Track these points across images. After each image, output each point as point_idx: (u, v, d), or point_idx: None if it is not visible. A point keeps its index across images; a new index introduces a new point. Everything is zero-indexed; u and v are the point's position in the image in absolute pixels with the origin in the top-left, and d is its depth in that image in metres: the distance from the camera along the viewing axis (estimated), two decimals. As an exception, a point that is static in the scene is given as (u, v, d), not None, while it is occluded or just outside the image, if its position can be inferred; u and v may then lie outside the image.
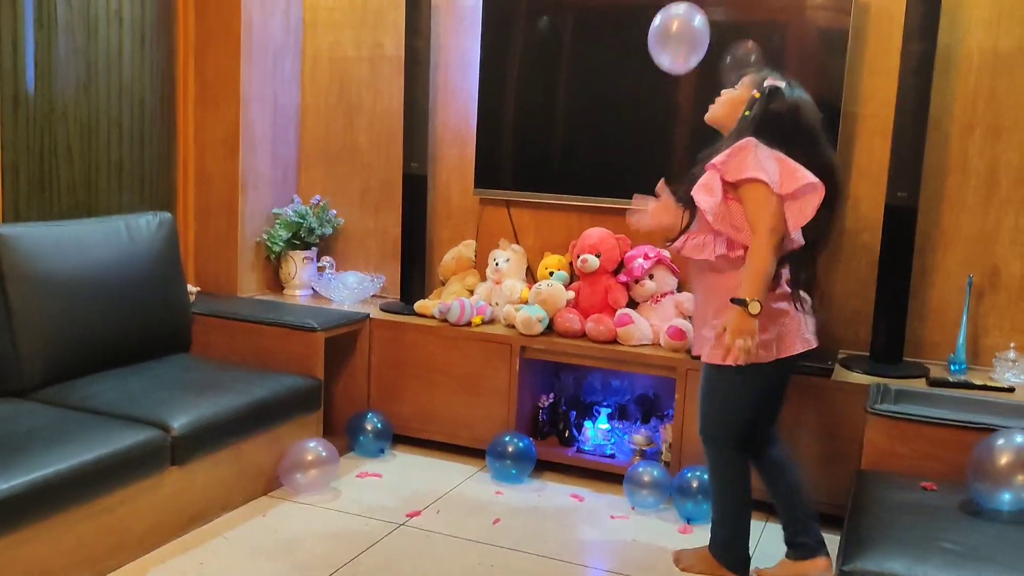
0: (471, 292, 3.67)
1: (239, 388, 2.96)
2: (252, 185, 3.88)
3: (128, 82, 3.57)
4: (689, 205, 2.51)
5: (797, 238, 2.44)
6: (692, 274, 2.66)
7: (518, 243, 3.74)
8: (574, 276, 3.53)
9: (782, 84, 2.48)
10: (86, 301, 2.99)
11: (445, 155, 3.90)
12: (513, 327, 3.41)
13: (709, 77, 3.37)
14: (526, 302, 3.45)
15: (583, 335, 3.36)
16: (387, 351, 3.57)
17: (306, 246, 3.93)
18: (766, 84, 2.48)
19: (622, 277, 3.44)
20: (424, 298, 3.73)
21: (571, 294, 3.42)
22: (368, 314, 3.60)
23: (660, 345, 3.29)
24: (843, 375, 3.06)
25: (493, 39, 3.66)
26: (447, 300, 3.53)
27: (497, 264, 3.62)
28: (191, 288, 3.60)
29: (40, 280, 2.86)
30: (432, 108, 3.82)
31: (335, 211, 4.05)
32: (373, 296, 3.91)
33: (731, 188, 2.41)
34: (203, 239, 3.90)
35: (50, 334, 2.88)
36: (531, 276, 3.68)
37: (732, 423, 2.53)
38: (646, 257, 3.40)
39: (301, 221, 3.90)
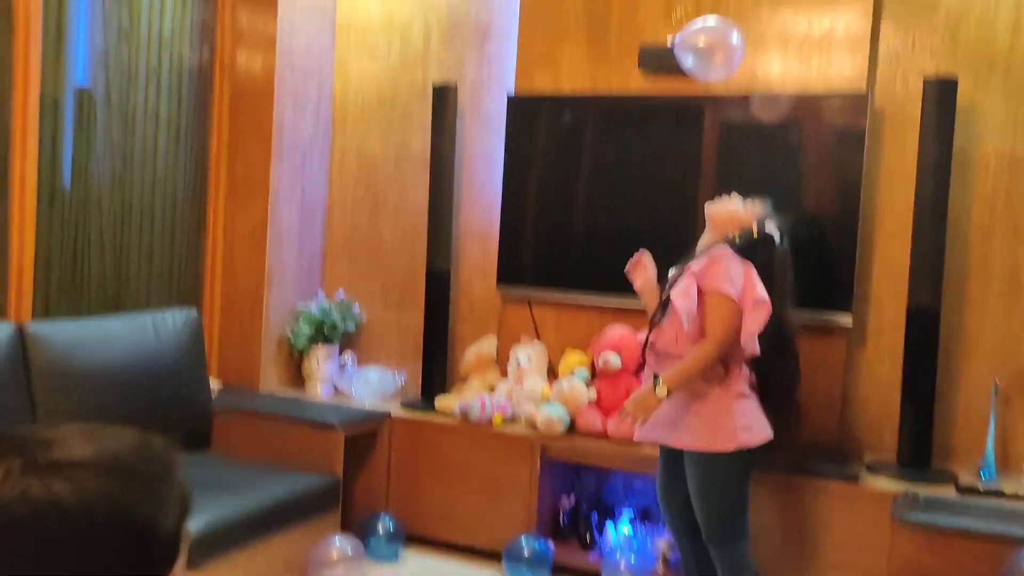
0: (492, 389, 3.67)
1: (257, 488, 2.95)
2: (277, 279, 3.94)
3: (162, 176, 3.67)
4: (665, 303, 2.67)
5: (752, 347, 2.57)
6: (661, 365, 2.68)
7: (539, 340, 3.75)
8: (595, 374, 3.52)
9: (776, 235, 2.69)
10: (109, 398, 3.01)
11: (468, 252, 3.95)
12: (534, 426, 3.39)
13: (733, 181, 3.42)
14: (547, 400, 3.44)
15: (605, 435, 3.34)
16: (407, 449, 3.55)
17: (329, 341, 3.96)
18: (767, 228, 2.67)
19: (644, 376, 3.43)
20: (445, 394, 3.73)
21: (592, 393, 3.41)
22: (388, 412, 3.59)
23: (682, 446, 3.25)
24: (869, 481, 3.00)
25: (517, 138, 3.74)
26: (468, 397, 3.53)
27: (519, 361, 3.62)
28: (213, 383, 3.62)
29: (66, 376, 2.89)
30: (456, 205, 3.88)
31: (358, 306, 4.09)
32: (395, 393, 3.91)
33: (701, 293, 2.59)
34: (227, 332, 3.94)
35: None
36: (552, 374, 3.68)
37: (739, 511, 2.60)
38: (667, 356, 3.39)
39: (325, 317, 3.94)
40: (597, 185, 3.65)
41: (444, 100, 3.76)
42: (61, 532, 0.78)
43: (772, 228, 2.70)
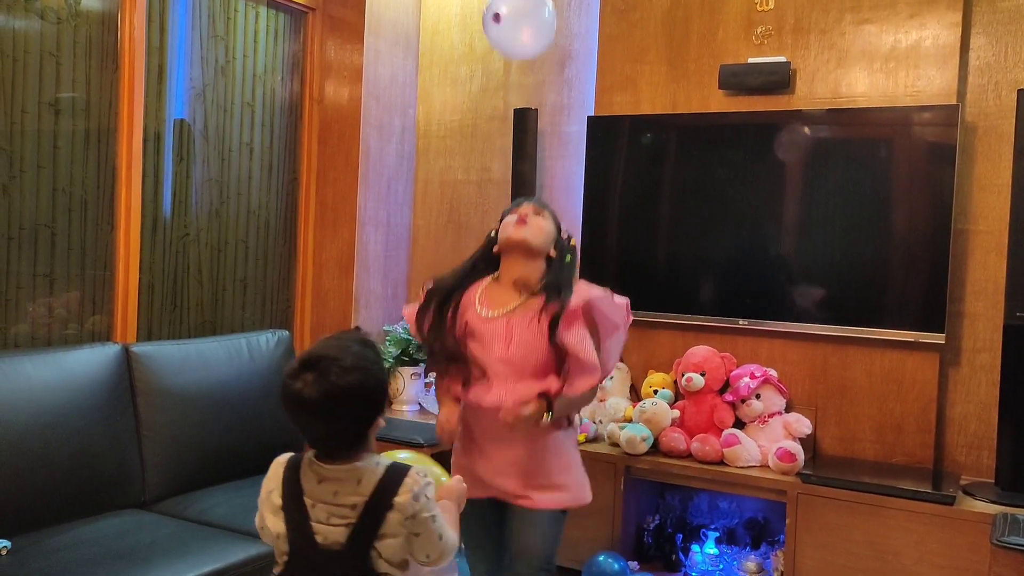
0: (575, 409, 3.68)
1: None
2: (364, 303, 4.04)
3: (255, 207, 3.83)
4: (557, 350, 2.27)
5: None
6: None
7: (622, 360, 3.75)
8: (679, 395, 3.50)
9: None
10: (207, 416, 3.13)
11: (550, 273, 3.98)
12: (617, 445, 3.39)
13: (818, 199, 3.39)
14: (630, 420, 3.43)
15: (689, 455, 3.31)
16: (491, 467, 3.58)
17: (414, 362, 4.04)
18: (564, 230, 2.45)
19: (728, 396, 3.39)
20: (528, 414, 3.75)
21: (676, 413, 3.40)
22: (473, 430, 3.64)
23: (769, 467, 3.21)
24: (966, 503, 2.90)
25: (597, 159, 3.77)
26: (551, 417, 3.55)
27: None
28: (305, 402, 3.73)
29: (167, 395, 3.03)
30: (537, 228, 3.92)
31: (443, 327, 4.16)
32: (478, 412, 3.95)
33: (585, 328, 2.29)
34: (317, 354, 4.05)
35: (173, 447, 3.03)
36: (635, 394, 3.67)
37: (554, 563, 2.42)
38: (752, 376, 3.35)
39: (410, 338, 4.02)
40: (678, 204, 3.65)
41: (525, 123, 3.83)
42: (357, 401, 1.61)
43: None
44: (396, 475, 1.62)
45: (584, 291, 2.29)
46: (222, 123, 3.68)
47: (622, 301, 2.37)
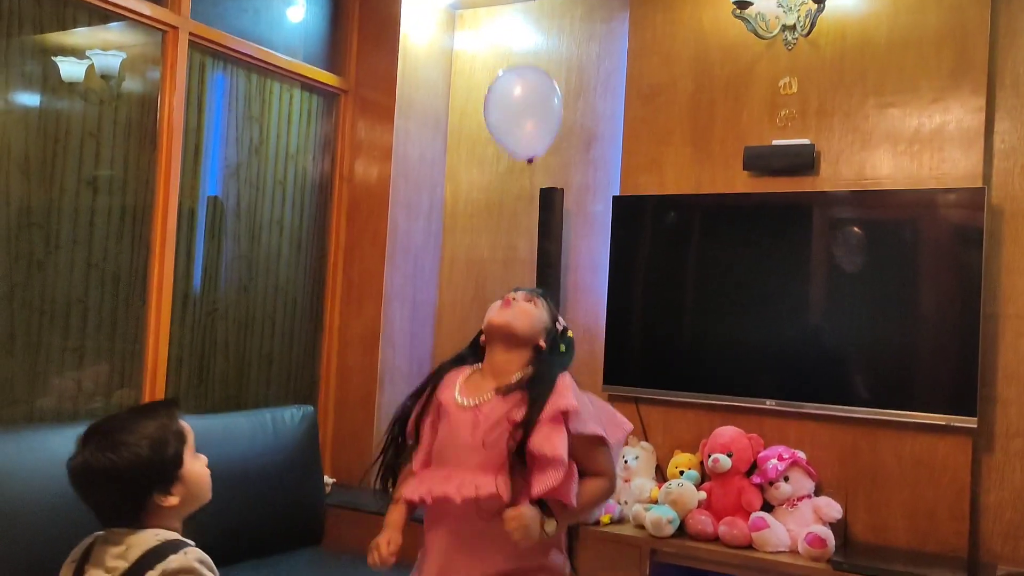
0: (599, 490, 3.62)
1: (367, 585, 2.97)
2: (389, 379, 4.05)
3: (283, 283, 3.88)
4: (519, 458, 1.99)
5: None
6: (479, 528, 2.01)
7: (647, 440, 3.71)
8: (705, 476, 3.45)
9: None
10: (229, 491, 3.08)
11: (575, 352, 3.97)
12: (643, 527, 3.32)
13: (843, 278, 3.38)
14: (656, 502, 3.38)
15: (716, 539, 3.24)
16: (514, 549, 3.52)
17: (437, 439, 4.02)
18: (560, 321, 2.21)
19: (756, 478, 3.33)
20: (552, 495, 3.70)
21: (703, 495, 3.34)
22: (496, 510, 3.59)
23: (799, 552, 3.13)
24: (1005, 595, 2.81)
25: (622, 238, 3.80)
26: (575, 498, 3.50)
27: (626, 461, 3.58)
28: (327, 479, 3.71)
29: (191, 470, 3.02)
30: (562, 306, 3.94)
31: (466, 405, 4.15)
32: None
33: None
34: (340, 431, 4.05)
35: (194, 522, 2.99)
36: (660, 474, 3.62)
37: None
38: (780, 458, 3.30)
39: (434, 414, 4.00)
40: (704, 284, 3.66)
41: (551, 203, 3.88)
42: (109, 478, 1.61)
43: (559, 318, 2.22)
44: (161, 551, 1.62)
45: (562, 399, 1.99)
46: (254, 201, 3.76)
47: (606, 417, 2.11)
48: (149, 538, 1.62)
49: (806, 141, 3.48)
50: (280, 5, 3.91)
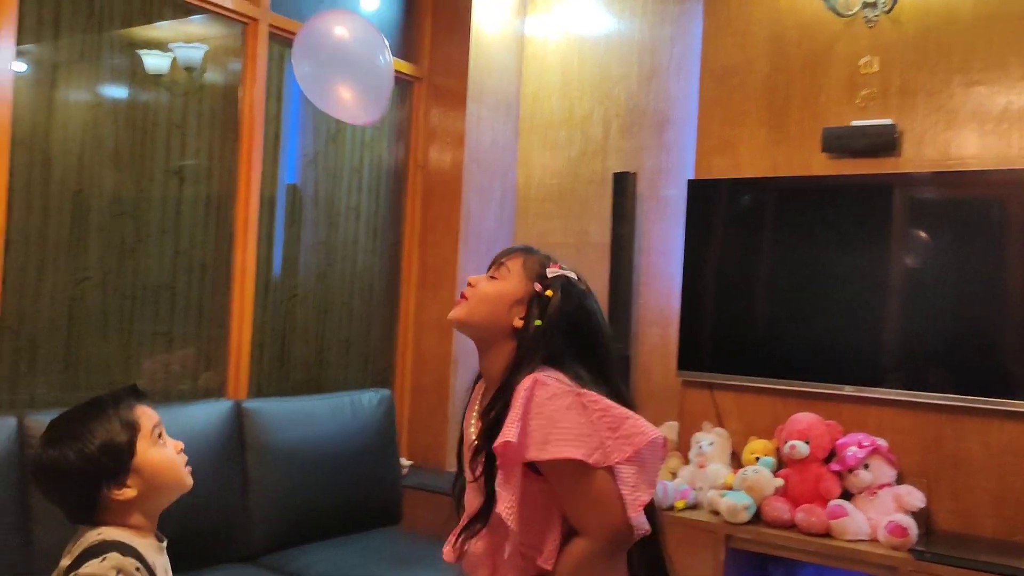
0: (674, 475, 3.62)
1: (445, 564, 3.03)
2: (463, 363, 4.09)
3: (360, 269, 3.95)
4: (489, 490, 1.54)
5: (642, 525, 1.47)
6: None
7: (722, 426, 3.68)
8: (781, 462, 3.41)
9: (571, 274, 1.65)
10: (311, 472, 3.20)
11: (648, 336, 3.97)
12: (717, 513, 3.31)
13: (926, 261, 3.30)
14: (731, 488, 3.35)
15: (793, 526, 3.21)
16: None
17: (511, 423, 4.05)
18: (553, 273, 1.63)
19: (834, 466, 3.28)
20: (625, 479, 3.70)
21: (779, 481, 3.30)
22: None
23: (879, 541, 3.08)
24: (1098, 588, 2.72)
25: (696, 222, 3.76)
26: (649, 482, 3.50)
27: (701, 447, 3.57)
28: (404, 462, 3.78)
29: (274, 451, 3.11)
30: (635, 290, 3.93)
31: (540, 389, 4.18)
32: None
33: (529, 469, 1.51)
34: (416, 414, 4.12)
35: (278, 502, 3.10)
36: (735, 460, 3.59)
37: None
38: (860, 445, 3.24)
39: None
40: (780, 268, 3.60)
41: (624, 187, 3.86)
42: (55, 474, 1.53)
43: (562, 269, 1.65)
44: (94, 551, 1.48)
45: (505, 430, 1.46)
46: (331, 188, 3.83)
47: (606, 428, 1.48)
48: (92, 536, 1.52)
49: (888, 121, 3.40)
50: (355, -5, 3.96)
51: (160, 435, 1.60)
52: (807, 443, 3.29)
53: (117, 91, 3.10)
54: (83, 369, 2.96)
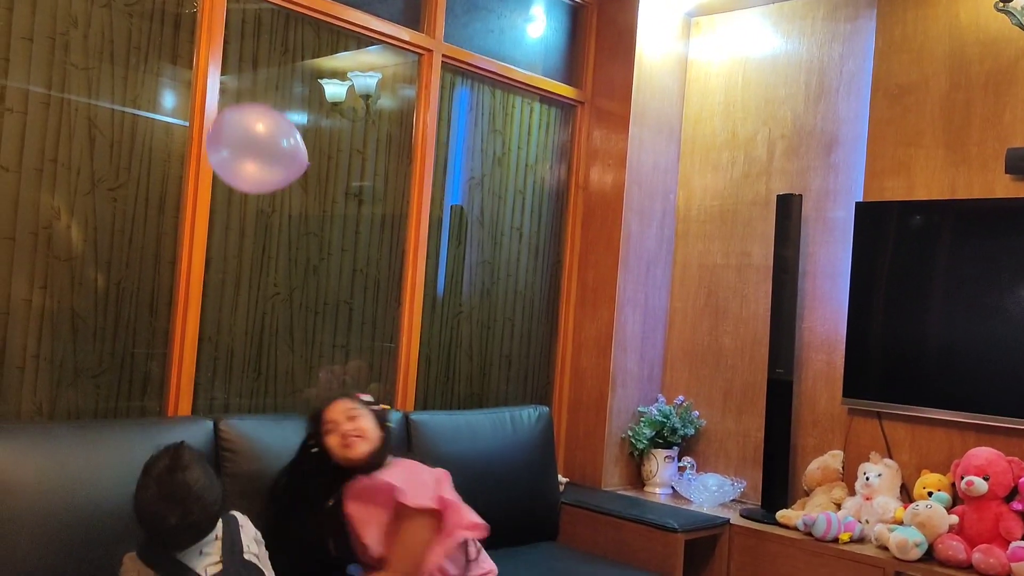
0: (838, 506, 3.52)
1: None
2: (620, 382, 4.13)
3: (522, 287, 4.06)
4: None
5: None
6: None
7: (891, 458, 3.54)
8: (956, 499, 3.25)
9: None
10: (473, 484, 3.27)
11: (811, 361, 3.88)
12: (885, 549, 3.19)
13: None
14: (900, 523, 3.23)
15: (969, 567, 3.06)
16: (746, 560, 3.49)
17: (668, 445, 4.05)
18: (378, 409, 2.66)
19: (1016, 505, 3.10)
20: (786, 507, 3.63)
21: (954, 519, 3.15)
22: (728, 519, 3.58)
23: (1067, 589, 2.89)
24: None
25: (865, 246, 3.66)
26: (812, 512, 3.41)
27: (868, 478, 3.45)
28: (561, 479, 3.85)
29: (440, 462, 3.19)
30: (799, 314, 3.85)
31: (697, 412, 4.15)
32: (733, 500, 3.88)
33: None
34: (573, 431, 4.18)
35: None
36: (906, 495, 3.45)
37: None
38: (1046, 485, 3.05)
39: (665, 420, 4.04)
40: (956, 294, 3.45)
41: (788, 209, 3.80)
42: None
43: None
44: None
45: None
46: (496, 209, 3.96)
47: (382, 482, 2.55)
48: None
49: (1081, 141, 3.20)
50: (521, 23, 4.09)
51: None
52: (986, 479, 3.13)
53: (301, 117, 3.33)
54: (271, 378, 3.19)
